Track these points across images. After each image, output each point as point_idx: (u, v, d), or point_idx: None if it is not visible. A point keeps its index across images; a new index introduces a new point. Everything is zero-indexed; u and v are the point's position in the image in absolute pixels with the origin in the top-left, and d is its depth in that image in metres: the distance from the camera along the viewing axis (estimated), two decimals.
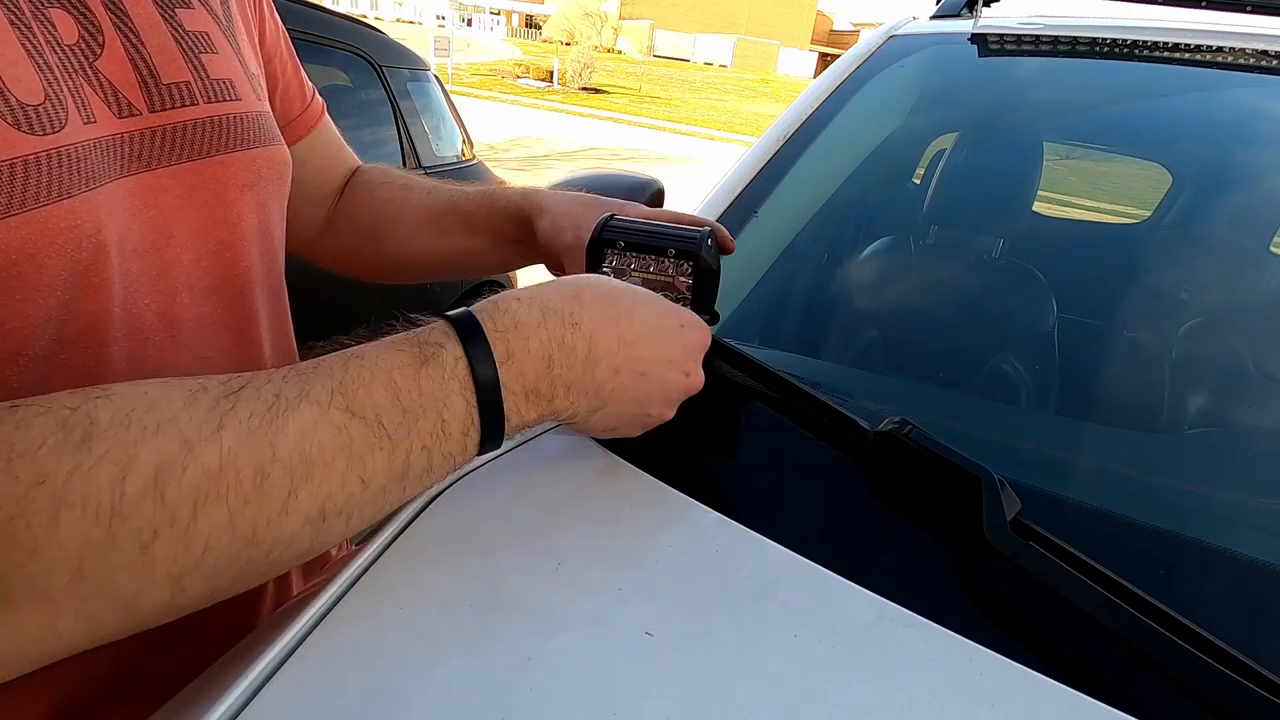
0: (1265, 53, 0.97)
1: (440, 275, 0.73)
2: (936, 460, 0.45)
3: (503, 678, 0.33)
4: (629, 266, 0.52)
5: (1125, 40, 1.06)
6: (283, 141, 0.53)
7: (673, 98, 23.80)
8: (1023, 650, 0.38)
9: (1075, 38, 1.07)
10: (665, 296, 0.52)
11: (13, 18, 0.34)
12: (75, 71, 0.37)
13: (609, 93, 22.33)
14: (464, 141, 2.78)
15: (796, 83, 36.45)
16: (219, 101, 0.45)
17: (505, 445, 0.48)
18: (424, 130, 2.48)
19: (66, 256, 0.35)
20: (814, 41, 60.14)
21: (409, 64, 2.50)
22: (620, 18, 51.13)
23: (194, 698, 0.35)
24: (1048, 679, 0.36)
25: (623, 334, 0.42)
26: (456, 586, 0.38)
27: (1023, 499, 0.43)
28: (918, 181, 1.18)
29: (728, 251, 0.59)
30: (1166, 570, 0.46)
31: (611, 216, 0.54)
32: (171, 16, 0.43)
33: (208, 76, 0.45)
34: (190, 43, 0.44)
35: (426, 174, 2.59)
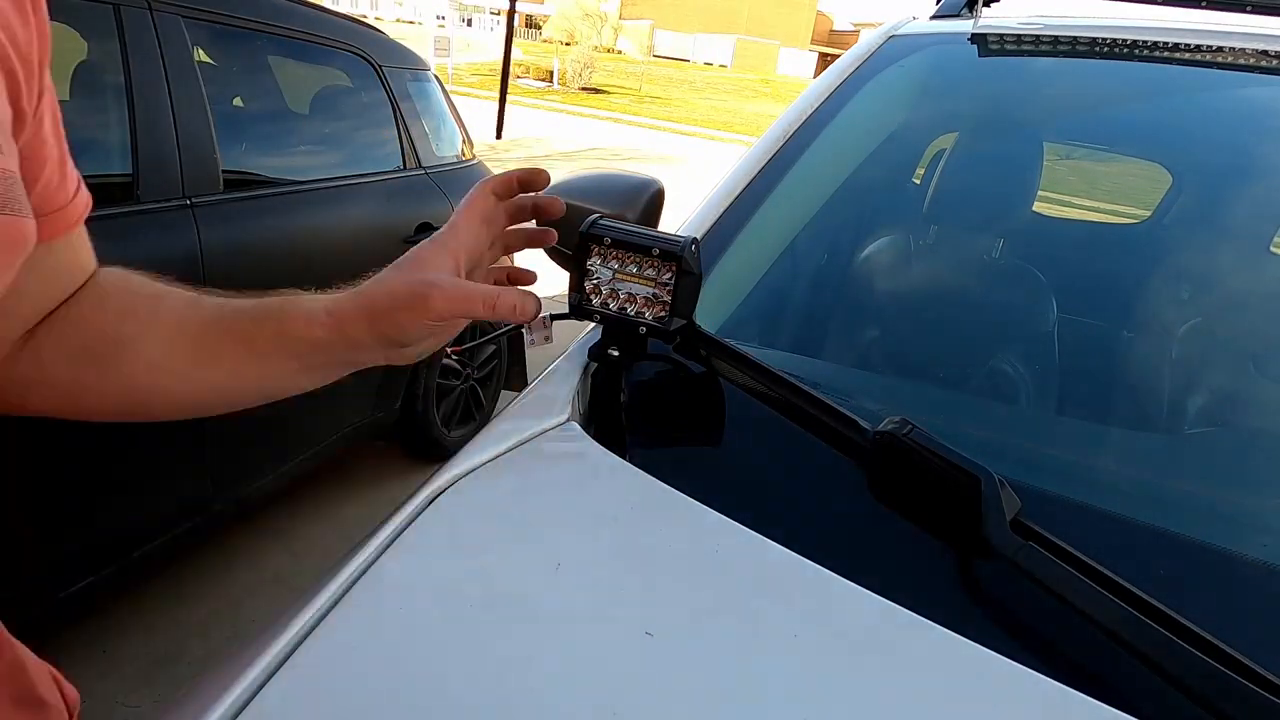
0: (1265, 53, 0.96)
1: (208, 410, 0.54)
2: (936, 460, 0.45)
3: (503, 678, 0.33)
4: (612, 264, 0.53)
5: (1125, 40, 1.06)
6: (30, 215, 0.41)
7: (673, 98, 23.79)
8: (1023, 650, 0.38)
9: (1075, 38, 1.07)
10: (646, 296, 0.53)
11: None
12: None
13: (609, 93, 22.33)
14: (464, 142, 2.78)
15: (796, 83, 36.42)
16: None
17: (504, 445, 0.49)
18: (424, 131, 2.48)
19: None
20: (814, 42, 60.12)
21: (409, 64, 2.50)
22: (620, 18, 51.13)
23: (194, 698, 0.35)
24: (1048, 679, 0.36)
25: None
26: (456, 586, 0.38)
27: (1023, 499, 0.43)
28: (918, 181, 1.18)
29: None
30: (1166, 570, 0.46)
31: (600, 216, 0.56)
32: None
33: None
34: None
35: (427, 174, 2.59)
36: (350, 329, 0.47)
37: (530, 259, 0.70)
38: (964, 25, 1.12)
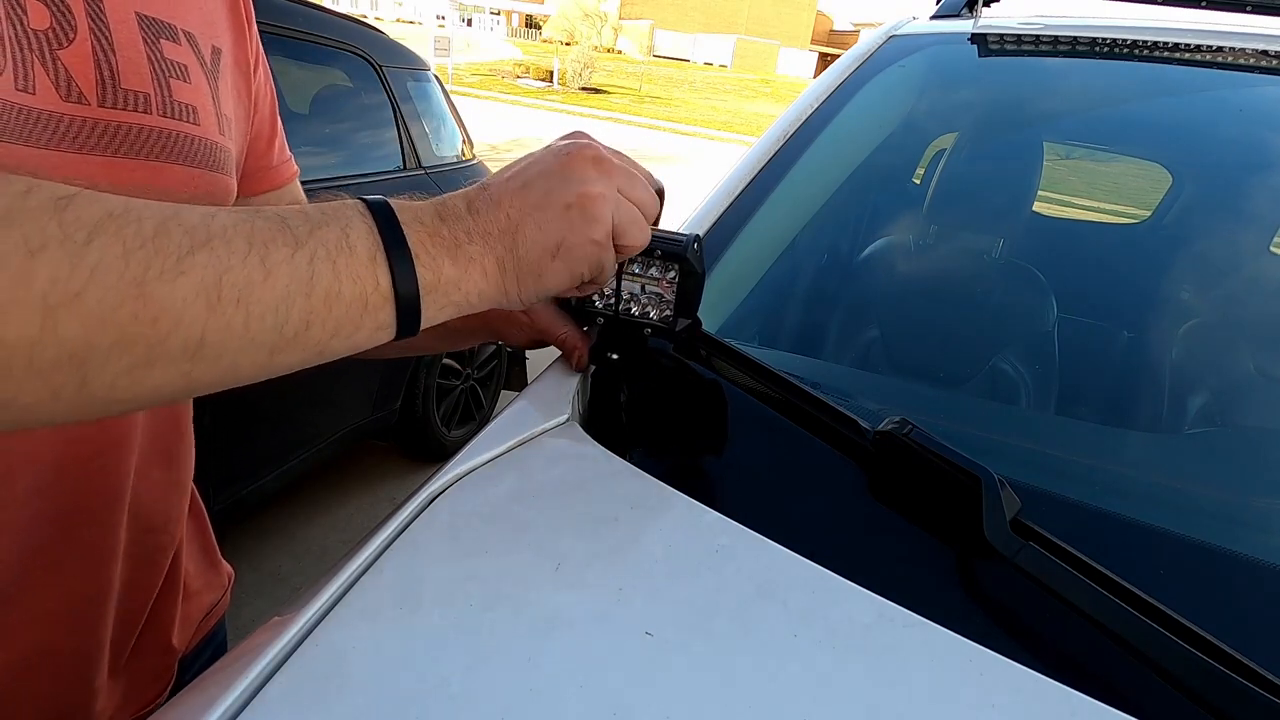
0: (1265, 53, 0.97)
1: (380, 355, 0.71)
2: (936, 460, 0.45)
3: (503, 678, 0.33)
4: (617, 265, 0.53)
5: (1125, 40, 1.06)
6: (233, 175, 0.52)
7: (673, 98, 23.80)
8: (1023, 650, 0.38)
9: (1075, 38, 1.07)
10: (649, 296, 0.53)
11: None
12: (30, 49, 0.37)
13: (609, 93, 22.34)
14: (464, 141, 2.78)
15: (796, 83, 36.44)
16: (176, 120, 0.45)
17: (504, 445, 0.49)
18: (424, 130, 2.48)
19: None
20: (814, 42, 60.12)
21: (409, 64, 2.50)
22: (620, 18, 51.12)
23: (194, 698, 0.35)
24: (1048, 679, 0.36)
25: (492, 182, 0.42)
26: (456, 586, 0.38)
27: (1023, 499, 0.44)
28: (918, 181, 1.18)
29: None
30: (1166, 570, 0.46)
31: None
32: (154, 42, 0.44)
33: (170, 96, 0.45)
34: (163, 67, 0.45)
35: (428, 174, 2.58)
36: (471, 316, 0.58)
37: None
38: (964, 25, 1.12)
